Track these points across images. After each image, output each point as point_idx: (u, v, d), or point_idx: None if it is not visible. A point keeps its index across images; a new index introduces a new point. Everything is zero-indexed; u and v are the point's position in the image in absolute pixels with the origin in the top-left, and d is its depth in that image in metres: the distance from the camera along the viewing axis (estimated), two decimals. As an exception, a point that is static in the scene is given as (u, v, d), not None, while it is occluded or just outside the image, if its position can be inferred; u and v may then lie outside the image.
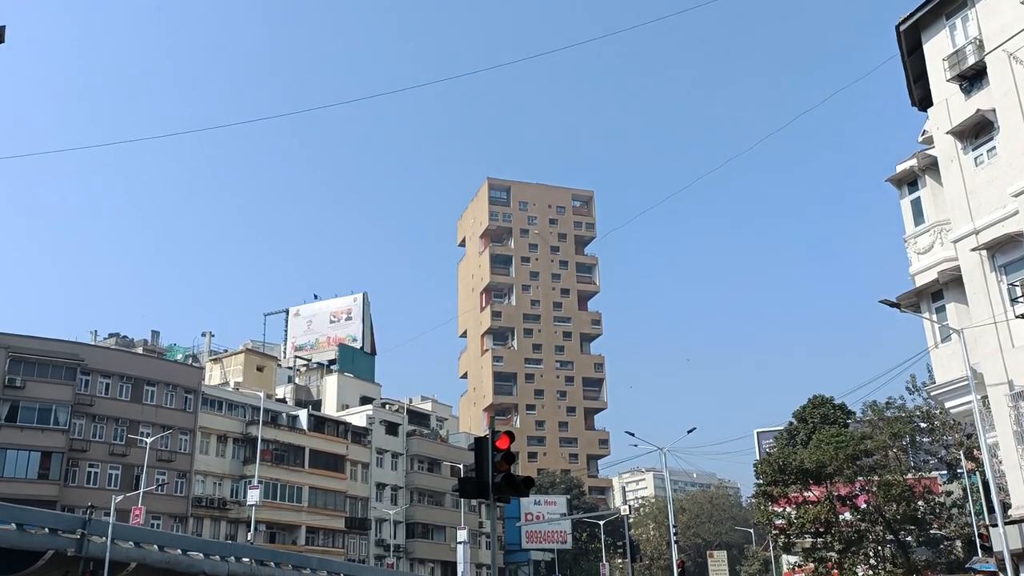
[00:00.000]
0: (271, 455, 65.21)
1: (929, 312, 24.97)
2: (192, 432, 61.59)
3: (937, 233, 24.82)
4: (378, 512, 73.87)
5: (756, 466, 62.38)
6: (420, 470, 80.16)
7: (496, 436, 17.67)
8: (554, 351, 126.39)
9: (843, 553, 52.60)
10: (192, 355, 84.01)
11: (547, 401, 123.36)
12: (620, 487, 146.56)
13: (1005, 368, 21.66)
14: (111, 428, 57.55)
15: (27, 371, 53.83)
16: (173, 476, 59.14)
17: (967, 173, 23.24)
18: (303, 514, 66.59)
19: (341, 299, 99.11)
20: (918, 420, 52.96)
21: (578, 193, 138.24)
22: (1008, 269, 22.00)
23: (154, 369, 62.61)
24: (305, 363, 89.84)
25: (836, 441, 54.26)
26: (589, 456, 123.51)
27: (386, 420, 78.83)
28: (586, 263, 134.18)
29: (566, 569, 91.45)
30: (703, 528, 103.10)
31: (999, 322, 21.69)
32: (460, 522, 76.00)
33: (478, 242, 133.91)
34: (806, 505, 53.31)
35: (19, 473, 52.19)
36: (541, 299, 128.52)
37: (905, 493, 50.00)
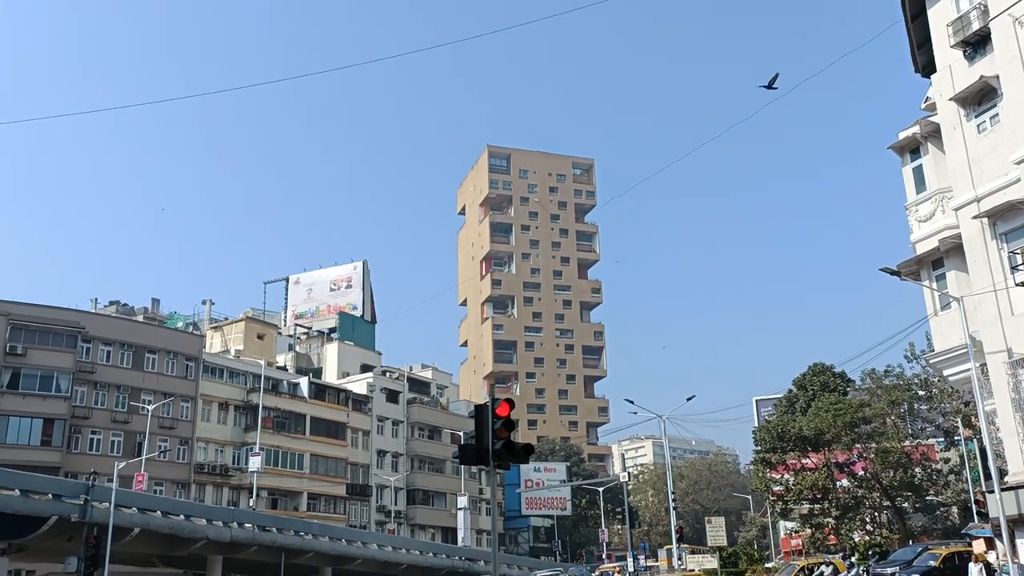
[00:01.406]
0: (272, 422, 65.57)
1: (929, 280, 24.96)
2: (193, 399, 61.87)
3: (939, 201, 24.75)
4: (379, 479, 74.43)
5: (755, 433, 62.81)
6: (420, 437, 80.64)
7: (496, 403, 17.72)
8: (554, 319, 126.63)
9: (840, 519, 53.16)
10: (192, 323, 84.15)
11: (547, 369, 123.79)
12: (619, 454, 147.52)
13: (1004, 336, 21.71)
14: (113, 395, 57.79)
15: (28, 339, 53.94)
16: (175, 443, 59.48)
17: (969, 140, 23.13)
18: (304, 481, 67.09)
19: (341, 267, 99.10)
20: (916, 388, 53.19)
21: (578, 161, 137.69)
22: (1009, 237, 21.98)
23: (155, 337, 62.75)
24: (305, 331, 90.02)
25: (835, 409, 54.58)
26: (589, 424, 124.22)
27: (387, 388, 79.15)
28: (586, 231, 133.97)
29: (565, 535, 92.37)
30: (701, 495, 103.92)
31: (999, 290, 21.70)
32: (460, 489, 76.63)
33: (478, 210, 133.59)
34: (804, 472, 53.79)
35: (22, 440, 52.48)
36: (541, 267, 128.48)
37: (902, 460, 50.40)
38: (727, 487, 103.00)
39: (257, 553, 50.43)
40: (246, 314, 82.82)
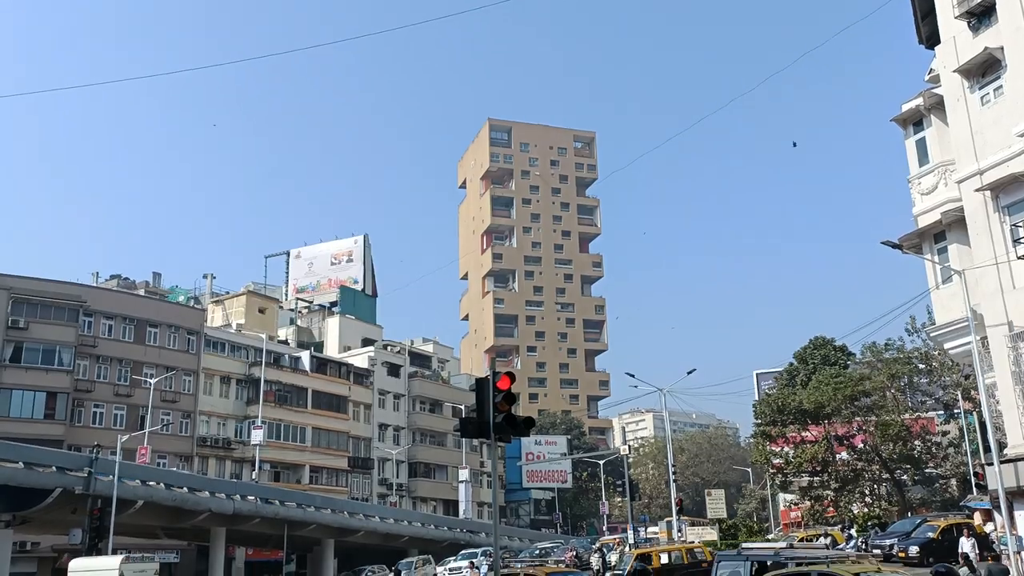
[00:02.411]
0: (274, 396, 65.79)
1: (931, 253, 24.92)
2: (195, 373, 62.03)
3: (941, 173, 24.66)
4: (381, 452, 74.81)
5: (755, 407, 63.03)
6: (422, 411, 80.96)
7: (497, 377, 17.74)
8: (555, 293, 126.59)
9: (839, 491, 53.50)
10: (194, 297, 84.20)
11: (548, 343, 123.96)
12: (620, 427, 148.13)
13: (1005, 309, 21.71)
14: (115, 369, 57.93)
15: (30, 312, 54.00)
16: (178, 416, 59.70)
17: (973, 112, 22.99)
18: (306, 454, 67.44)
19: (342, 241, 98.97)
20: (917, 361, 53.33)
21: (580, 134, 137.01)
22: (1011, 210, 21.91)
23: (156, 311, 62.81)
24: (307, 305, 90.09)
25: (835, 382, 54.74)
26: (589, 397, 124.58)
27: (388, 362, 79.35)
28: (587, 205, 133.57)
29: (566, 507, 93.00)
30: (701, 467, 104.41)
31: (1000, 263, 21.67)
32: (462, 462, 77.06)
33: (479, 184, 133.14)
34: (804, 445, 54.06)
35: (25, 413, 52.67)
36: (542, 241, 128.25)
37: (902, 433, 50.62)
38: (727, 460, 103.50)
39: (260, 525, 50.86)
40: (247, 288, 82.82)
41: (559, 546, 53.82)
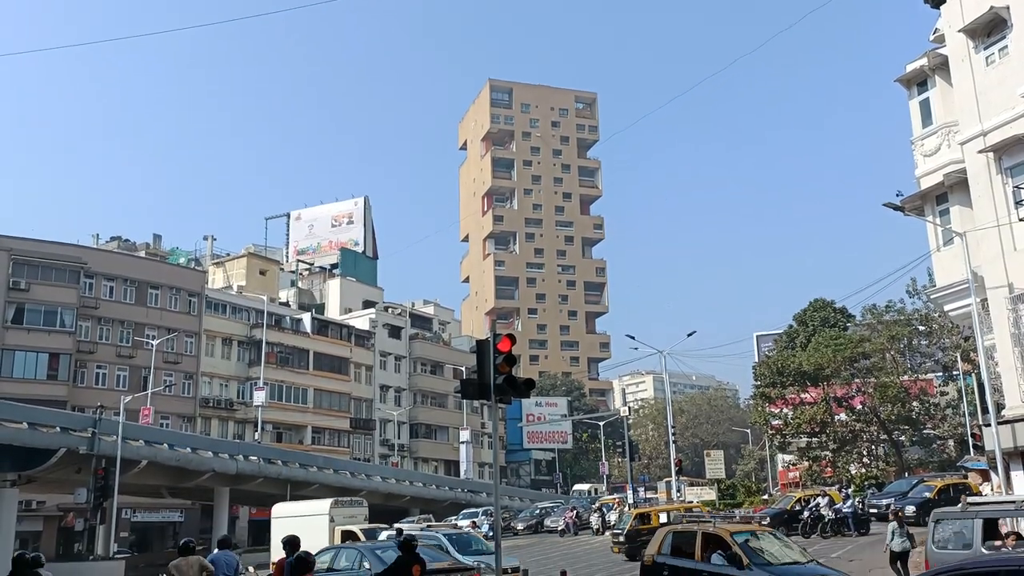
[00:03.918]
0: (276, 358, 66.08)
1: (933, 215, 24.85)
2: (197, 335, 62.25)
3: (945, 135, 24.50)
4: (382, 413, 75.31)
5: (755, 368, 63.31)
6: (423, 372, 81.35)
7: (497, 339, 17.80)
8: (556, 255, 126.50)
9: (837, 452, 53.91)
10: (194, 259, 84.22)
11: (548, 305, 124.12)
12: (620, 389, 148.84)
13: (1006, 271, 21.71)
14: (117, 330, 58.12)
15: (31, 274, 54.05)
16: (180, 377, 60.02)
17: (977, 73, 22.80)
18: (308, 415, 67.90)
19: (342, 203, 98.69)
20: (916, 323, 53.45)
21: (581, 95, 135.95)
22: (1014, 172, 21.82)
23: (157, 272, 62.88)
24: (307, 267, 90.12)
25: (835, 344, 54.93)
26: (590, 359, 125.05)
27: (389, 324, 79.58)
28: (588, 167, 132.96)
29: (566, 468, 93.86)
30: (701, 429, 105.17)
31: (1002, 225, 21.63)
32: (463, 423, 77.58)
33: (479, 145, 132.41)
34: (803, 406, 54.36)
35: (28, 374, 52.96)
36: (543, 203, 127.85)
37: (900, 394, 50.89)
38: (726, 421, 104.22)
39: (263, 485, 51.39)
40: (248, 250, 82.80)
41: (559, 506, 54.41)
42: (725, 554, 13.27)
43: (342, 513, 27.48)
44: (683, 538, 15.23)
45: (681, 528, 16.31)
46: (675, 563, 14.42)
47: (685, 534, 15.29)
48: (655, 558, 15.02)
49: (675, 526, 17.25)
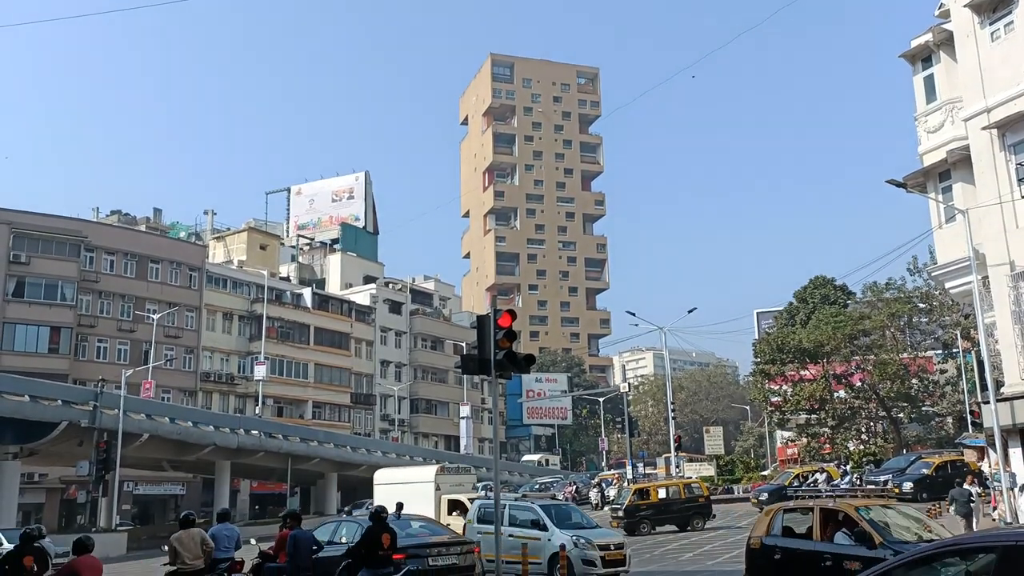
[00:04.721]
0: (276, 332, 66.17)
1: (936, 192, 24.78)
2: (198, 309, 62.29)
3: (948, 111, 24.37)
4: (383, 388, 75.54)
5: (755, 345, 63.40)
6: (423, 348, 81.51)
7: (498, 314, 17.80)
8: (557, 231, 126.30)
9: (836, 429, 54.11)
10: (195, 233, 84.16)
11: (549, 281, 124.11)
12: (620, 365, 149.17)
13: (1008, 248, 21.68)
14: (117, 304, 58.15)
15: (31, 247, 54.00)
16: (181, 352, 60.12)
17: (982, 49, 22.64)
18: (309, 389, 68.09)
19: (343, 178, 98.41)
20: (917, 301, 53.46)
21: (583, 70, 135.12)
22: (1017, 149, 21.73)
23: (158, 247, 62.83)
24: (308, 242, 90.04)
25: (835, 321, 54.99)
26: (590, 335, 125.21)
27: (389, 299, 79.64)
28: (590, 142, 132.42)
29: (566, 443, 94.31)
30: (700, 405, 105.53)
31: (1005, 203, 21.57)
32: (463, 398, 77.82)
33: (481, 120, 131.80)
34: (802, 383, 54.49)
35: (29, 347, 53.05)
36: (544, 179, 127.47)
37: (900, 372, 51.00)
38: (726, 398, 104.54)
39: (264, 459, 51.68)
40: (248, 224, 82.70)
41: (558, 481, 54.72)
42: (851, 532, 11.80)
43: (448, 481, 25.49)
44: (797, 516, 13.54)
45: (794, 505, 14.72)
46: (790, 545, 12.60)
47: (799, 512, 13.66)
48: (763, 540, 13.05)
49: (785, 503, 15.86)
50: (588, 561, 17.33)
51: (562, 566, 16.99)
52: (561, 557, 17.00)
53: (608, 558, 17.51)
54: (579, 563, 17.30)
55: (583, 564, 17.31)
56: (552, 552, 17.51)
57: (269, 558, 13.98)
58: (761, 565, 12.86)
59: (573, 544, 17.42)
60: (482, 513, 19.93)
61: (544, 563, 17.67)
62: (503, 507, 18.89)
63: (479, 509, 20.45)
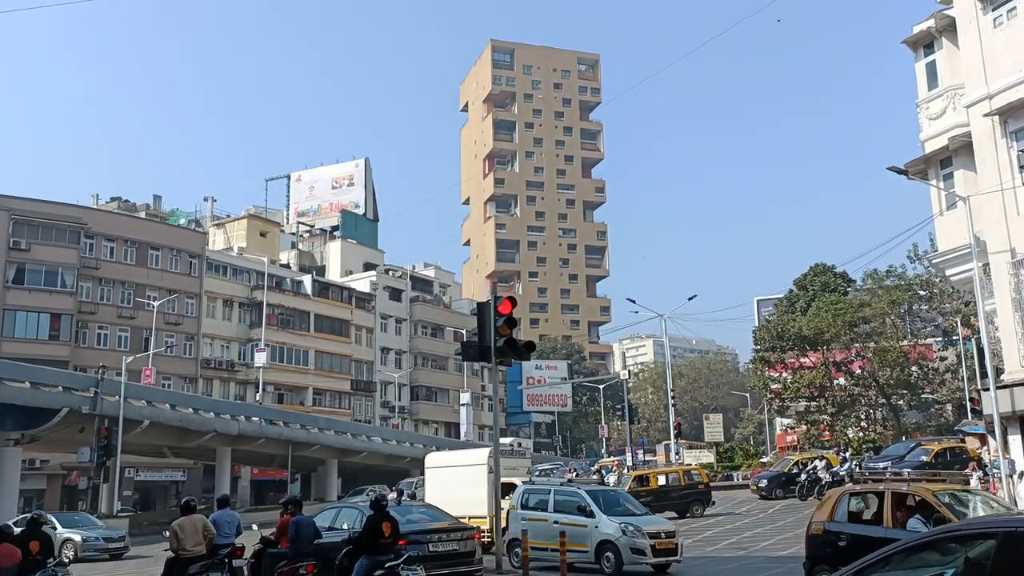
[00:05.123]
0: (276, 319, 66.18)
1: (937, 179, 24.73)
2: (198, 296, 62.27)
3: (950, 98, 24.29)
4: (383, 375, 75.62)
5: (755, 333, 63.41)
6: (423, 335, 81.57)
7: (498, 301, 17.82)
8: (557, 219, 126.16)
9: (835, 416, 54.18)
10: (195, 220, 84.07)
11: (549, 268, 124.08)
12: (620, 353, 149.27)
13: (1008, 235, 21.66)
14: (118, 291, 58.13)
15: (31, 234, 53.92)
16: (181, 339, 60.14)
17: (985, 35, 22.55)
18: (309, 376, 68.17)
19: (342, 165, 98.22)
20: (917, 288, 53.44)
21: (584, 56, 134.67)
22: (1019, 135, 21.68)
23: (158, 233, 62.75)
24: (308, 229, 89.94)
25: (835, 308, 54.97)
26: (590, 323, 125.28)
27: (389, 286, 79.64)
28: (591, 129, 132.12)
29: (566, 431, 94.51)
30: (700, 392, 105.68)
31: (1006, 189, 21.53)
32: (463, 385, 77.91)
33: (481, 107, 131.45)
34: (802, 370, 54.52)
35: (29, 334, 53.04)
36: (544, 166, 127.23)
37: (900, 359, 51.03)
38: (725, 385, 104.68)
39: (265, 445, 51.78)
40: (248, 211, 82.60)
41: (559, 468, 54.84)
42: (928, 518, 10.98)
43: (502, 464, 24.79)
44: (866, 501, 12.74)
45: (862, 489, 13.51)
46: (856, 531, 11.80)
47: (868, 496, 12.74)
48: (826, 526, 12.21)
49: (851, 487, 14.58)
50: (637, 550, 16.54)
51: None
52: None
53: (659, 547, 16.69)
54: (628, 552, 16.54)
55: (632, 553, 16.54)
56: (599, 540, 16.89)
57: (271, 544, 14.02)
58: (824, 553, 12.07)
59: (621, 532, 16.74)
60: (526, 499, 19.09)
61: (591, 551, 17.02)
62: (548, 493, 18.64)
63: (523, 495, 19.38)
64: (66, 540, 28.24)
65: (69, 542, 28.30)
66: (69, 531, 29.00)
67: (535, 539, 16.70)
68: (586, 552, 17.03)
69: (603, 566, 16.76)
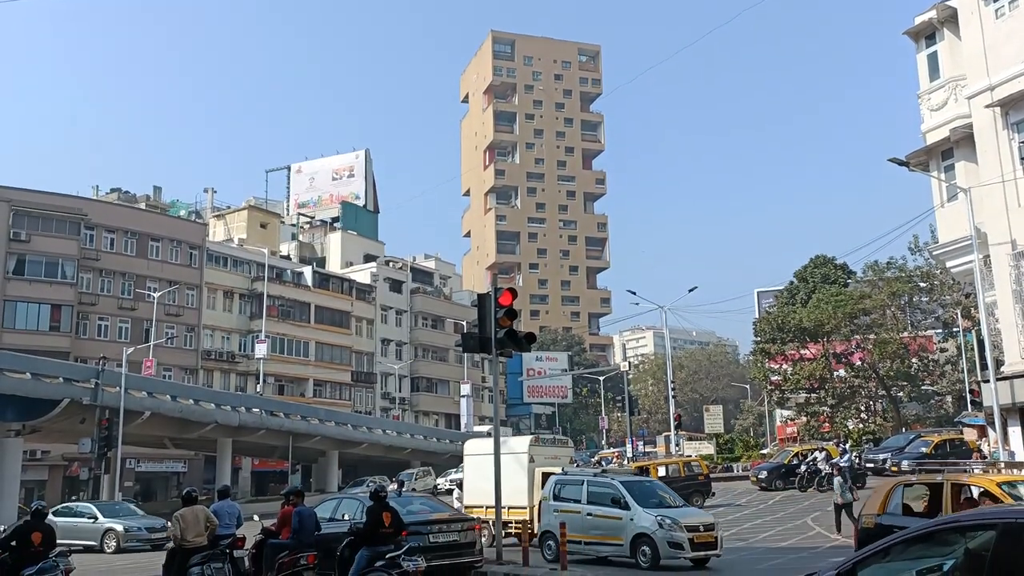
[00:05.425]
0: (277, 311, 66.17)
1: (938, 171, 24.69)
2: (198, 287, 62.25)
3: (952, 89, 24.23)
4: (383, 367, 75.64)
5: (755, 325, 63.39)
6: (424, 326, 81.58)
7: (499, 293, 17.79)
8: (557, 210, 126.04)
9: (835, 408, 54.27)
10: (195, 211, 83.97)
11: (550, 260, 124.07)
12: (620, 344, 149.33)
13: (1009, 227, 21.63)
14: (118, 282, 58.11)
15: (31, 225, 53.88)
16: (182, 330, 60.16)
17: (987, 26, 22.48)
18: (310, 368, 68.19)
19: (343, 156, 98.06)
20: (918, 280, 53.43)
21: (584, 47, 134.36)
22: (1020, 127, 21.64)
23: (158, 225, 62.70)
24: (308, 220, 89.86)
25: (835, 300, 54.96)
26: (591, 314, 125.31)
27: (390, 278, 79.63)
28: (591, 121, 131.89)
29: (566, 422, 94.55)
30: (700, 384, 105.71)
31: (1007, 181, 21.49)
32: (463, 376, 77.97)
33: (481, 98, 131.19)
34: (802, 362, 54.58)
35: (30, 325, 53.07)
36: (545, 157, 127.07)
37: (900, 351, 51.07)
38: (726, 377, 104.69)
39: (265, 437, 51.85)
40: (248, 203, 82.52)
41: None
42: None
43: (543, 453, 23.27)
44: (922, 493, 12.16)
45: (917, 480, 12.78)
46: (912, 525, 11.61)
47: (925, 487, 12.06)
48: (878, 520, 11.51)
49: (906, 478, 13.81)
50: (675, 544, 15.85)
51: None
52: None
53: (698, 540, 15.98)
54: (665, 546, 15.86)
55: (669, 547, 15.86)
56: (635, 533, 16.24)
57: (272, 534, 14.07)
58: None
59: (658, 525, 16.03)
60: (558, 490, 18.34)
61: (626, 545, 16.42)
62: (582, 484, 18.03)
63: (555, 485, 18.53)
64: (108, 530, 27.87)
65: (111, 532, 27.84)
66: (111, 521, 28.36)
67: (574, 532, 16.26)
68: (621, 546, 16.49)
69: (639, 560, 16.16)
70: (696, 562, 16.08)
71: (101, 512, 29.12)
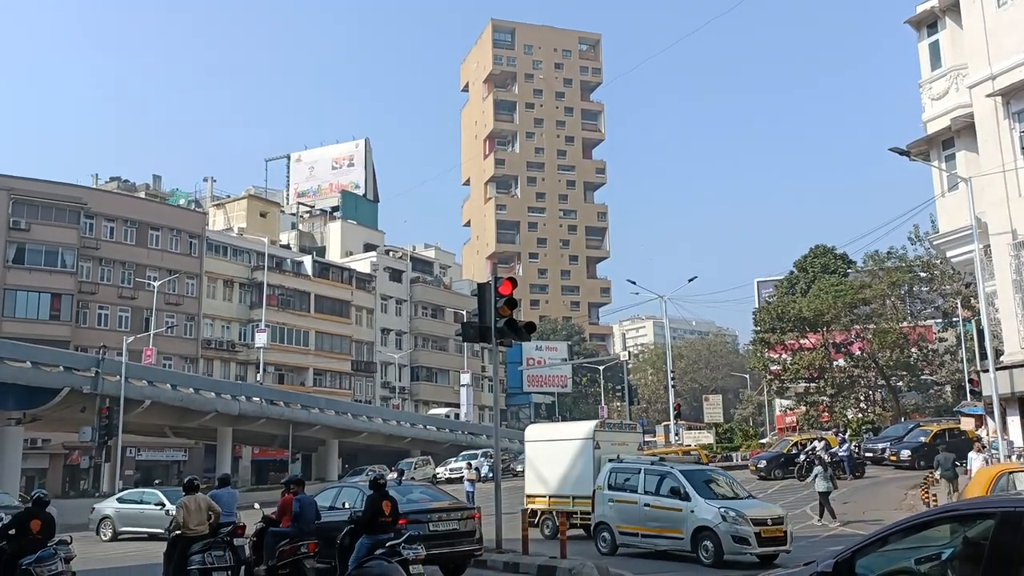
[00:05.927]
0: (277, 300, 66.20)
1: (939, 160, 24.67)
2: (198, 276, 62.27)
3: (953, 78, 24.20)
4: (383, 356, 75.72)
5: (755, 314, 63.48)
6: (424, 316, 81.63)
7: (499, 282, 17.79)
8: (557, 199, 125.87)
9: (835, 397, 54.39)
10: (195, 200, 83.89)
11: (550, 249, 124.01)
12: (620, 334, 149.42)
13: (1010, 217, 21.64)
14: (118, 271, 58.12)
15: (31, 214, 53.85)
16: (182, 319, 60.23)
17: (988, 15, 22.43)
18: (310, 357, 68.27)
19: (343, 145, 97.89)
20: (918, 270, 53.46)
21: (585, 36, 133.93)
22: (1021, 116, 21.62)
23: (158, 214, 62.67)
24: (308, 209, 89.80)
25: (835, 290, 55.02)
26: (590, 304, 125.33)
27: (390, 267, 79.63)
28: (591, 110, 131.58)
29: (566, 411, 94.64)
30: (700, 374, 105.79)
31: (1008, 171, 21.48)
32: (463, 366, 78.06)
33: (481, 87, 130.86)
34: (801, 352, 54.66)
35: (30, 314, 53.11)
36: (545, 147, 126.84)
37: (899, 340, 51.14)
38: (725, 366, 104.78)
39: (265, 426, 51.96)
40: (248, 192, 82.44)
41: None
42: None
43: (610, 439, 21.67)
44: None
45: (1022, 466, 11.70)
46: None
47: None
48: None
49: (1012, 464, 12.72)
50: (740, 538, 14.72)
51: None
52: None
53: (765, 535, 14.75)
54: (729, 540, 14.76)
55: (734, 542, 14.76)
56: (696, 526, 15.22)
57: (272, 523, 14.11)
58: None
59: (721, 517, 14.96)
60: (614, 479, 17.42)
61: (687, 539, 15.43)
62: (638, 473, 17.17)
63: (610, 474, 17.59)
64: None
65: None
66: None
67: (621, 523, 15.80)
68: (681, 539, 15.53)
69: (700, 555, 15.15)
70: (763, 558, 14.74)
71: (168, 499, 28.94)
